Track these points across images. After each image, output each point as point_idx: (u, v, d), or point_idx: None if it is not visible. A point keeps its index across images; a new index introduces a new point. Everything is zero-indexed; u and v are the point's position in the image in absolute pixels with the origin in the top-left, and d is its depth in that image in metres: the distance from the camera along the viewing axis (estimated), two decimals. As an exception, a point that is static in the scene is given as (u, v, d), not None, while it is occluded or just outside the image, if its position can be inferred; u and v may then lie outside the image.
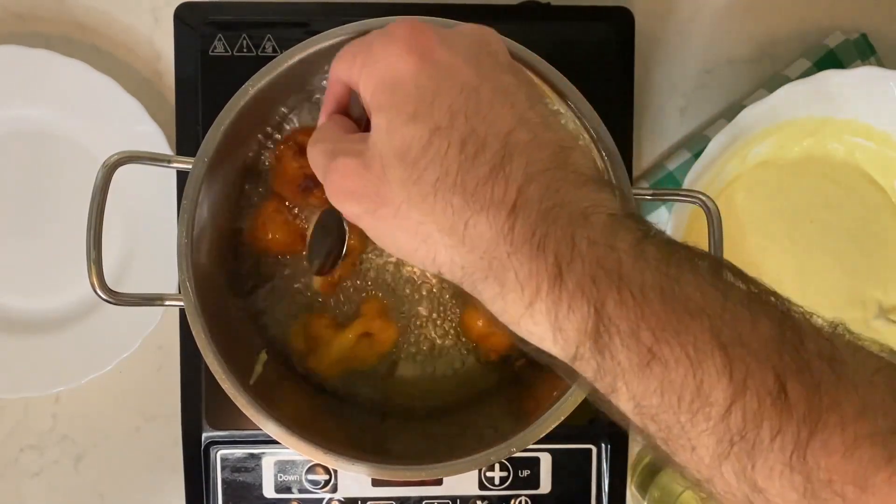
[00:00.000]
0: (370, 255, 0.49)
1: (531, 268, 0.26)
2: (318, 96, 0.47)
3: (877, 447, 0.22)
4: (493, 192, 0.27)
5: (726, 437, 0.23)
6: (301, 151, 0.45)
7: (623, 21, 0.50)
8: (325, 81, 0.46)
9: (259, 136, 0.47)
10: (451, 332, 0.49)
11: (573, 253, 0.25)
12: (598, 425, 0.50)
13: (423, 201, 0.28)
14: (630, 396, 0.25)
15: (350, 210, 0.31)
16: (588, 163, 0.29)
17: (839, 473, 0.22)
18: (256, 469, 0.49)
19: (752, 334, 0.23)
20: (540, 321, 0.26)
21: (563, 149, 0.29)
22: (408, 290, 0.49)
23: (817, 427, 0.22)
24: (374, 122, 0.30)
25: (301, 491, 0.49)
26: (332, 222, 0.41)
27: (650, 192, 0.43)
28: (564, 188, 0.27)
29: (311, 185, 0.45)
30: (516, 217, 0.27)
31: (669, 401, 0.24)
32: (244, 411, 0.40)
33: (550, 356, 0.27)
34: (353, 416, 0.48)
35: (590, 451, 0.50)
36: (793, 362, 0.23)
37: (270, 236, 0.47)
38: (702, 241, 0.43)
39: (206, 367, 0.40)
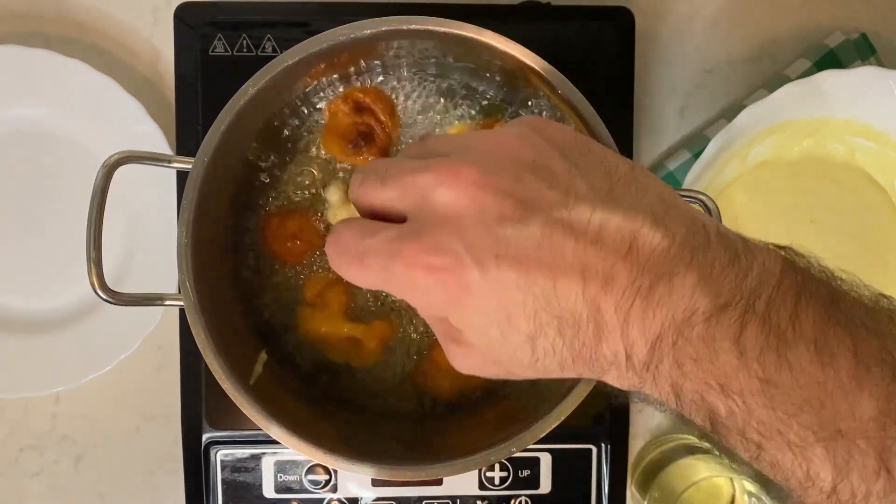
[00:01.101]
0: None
1: (657, 393, 0.29)
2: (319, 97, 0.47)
3: None
4: (606, 355, 0.29)
5: None
6: (357, 108, 0.46)
7: (623, 21, 0.50)
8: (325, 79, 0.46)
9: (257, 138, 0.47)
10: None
11: (684, 377, 0.28)
12: (599, 425, 0.50)
13: (555, 374, 0.30)
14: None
15: (488, 376, 0.33)
16: (655, 237, 0.28)
17: None
18: (256, 469, 0.49)
19: (852, 418, 0.26)
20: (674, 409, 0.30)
21: (628, 250, 0.27)
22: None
23: None
24: (467, 338, 0.30)
25: (301, 491, 0.49)
26: None
27: (650, 192, 0.43)
28: (657, 305, 0.27)
29: (363, 143, 0.46)
30: (633, 363, 0.28)
31: (782, 479, 0.28)
32: (244, 411, 0.40)
33: None
34: (353, 416, 0.48)
35: (590, 451, 0.50)
36: (894, 440, 0.25)
37: (277, 249, 0.47)
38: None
39: (206, 367, 0.40)
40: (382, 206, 0.31)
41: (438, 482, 0.49)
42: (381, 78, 0.47)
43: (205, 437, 0.49)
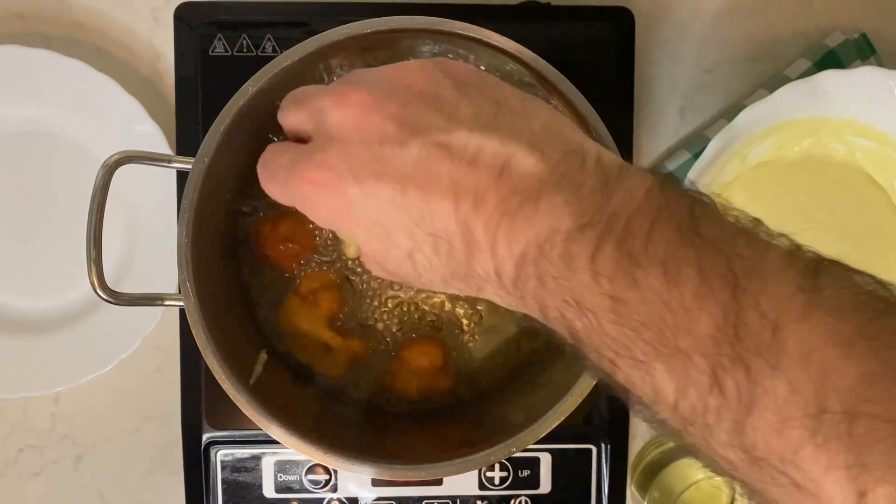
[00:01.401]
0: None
1: (528, 311, 0.31)
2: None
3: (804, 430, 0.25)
4: (478, 272, 0.30)
5: (681, 422, 0.28)
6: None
7: (623, 21, 0.50)
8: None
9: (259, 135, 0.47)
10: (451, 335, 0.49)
11: (546, 293, 0.29)
12: (598, 425, 0.50)
13: (443, 288, 0.32)
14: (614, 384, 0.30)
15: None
16: (528, 161, 0.29)
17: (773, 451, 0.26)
18: (256, 469, 0.49)
19: (690, 336, 0.26)
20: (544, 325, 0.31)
21: (501, 171, 0.29)
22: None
23: (752, 412, 0.26)
24: (361, 247, 0.33)
25: (301, 491, 0.49)
26: None
27: (650, 192, 0.43)
28: (522, 225, 0.28)
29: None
30: (503, 280, 0.30)
31: (637, 399, 0.29)
32: (244, 411, 0.40)
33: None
34: (353, 415, 0.48)
35: (590, 451, 0.50)
36: (727, 357, 0.26)
37: (270, 254, 0.47)
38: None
39: (206, 367, 0.40)
40: (296, 128, 0.33)
41: (438, 482, 0.49)
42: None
43: (205, 436, 0.49)
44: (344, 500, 0.49)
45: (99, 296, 0.39)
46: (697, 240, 0.28)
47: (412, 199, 0.29)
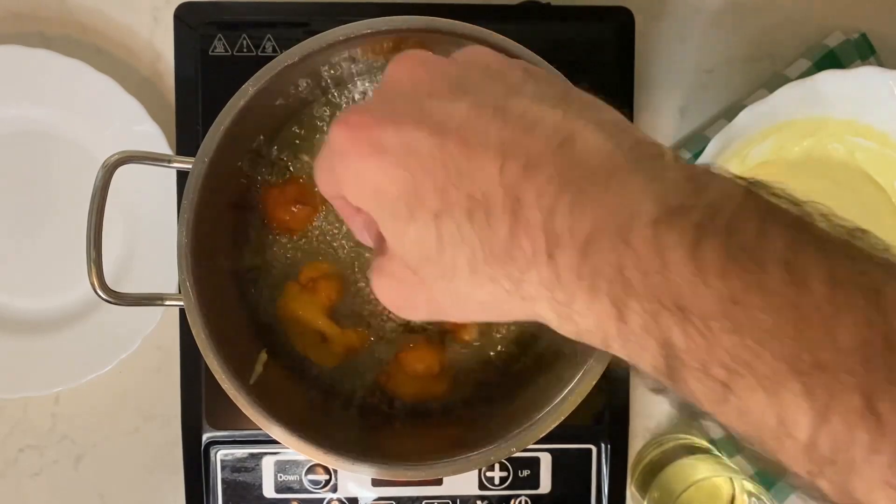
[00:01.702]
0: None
1: (592, 318, 0.25)
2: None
3: None
4: (523, 250, 0.25)
5: (816, 461, 0.22)
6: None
7: (623, 21, 0.50)
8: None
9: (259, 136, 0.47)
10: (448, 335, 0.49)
11: (627, 292, 0.23)
12: (598, 425, 0.50)
13: (468, 282, 0.27)
14: (717, 421, 0.24)
15: (418, 318, 0.31)
16: (597, 138, 0.25)
17: None
18: (256, 469, 0.49)
19: (833, 349, 0.21)
20: (619, 353, 0.25)
21: (562, 142, 0.25)
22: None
23: None
24: (381, 230, 0.28)
25: (301, 491, 0.49)
26: None
27: (650, 192, 0.43)
28: (589, 201, 0.24)
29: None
30: (558, 266, 0.24)
31: (753, 431, 0.23)
32: (244, 411, 0.40)
33: None
34: (354, 416, 0.48)
35: (590, 451, 0.50)
36: (881, 375, 0.21)
37: (281, 216, 0.47)
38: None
39: (206, 367, 0.40)
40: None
41: (438, 482, 0.49)
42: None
43: (205, 436, 0.49)
44: (344, 500, 0.49)
45: (99, 296, 0.39)
46: (816, 240, 0.23)
47: (451, 152, 0.25)
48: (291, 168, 0.48)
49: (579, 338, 0.26)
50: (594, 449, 0.50)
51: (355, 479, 0.49)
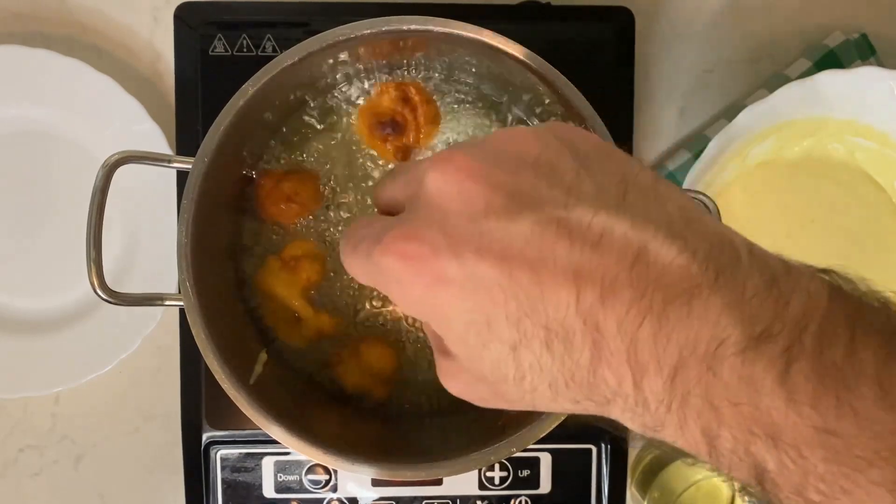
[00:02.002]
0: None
1: (682, 442, 0.25)
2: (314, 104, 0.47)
3: None
4: (608, 382, 0.24)
5: None
6: (403, 99, 0.47)
7: (623, 21, 0.50)
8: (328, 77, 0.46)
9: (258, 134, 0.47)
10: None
11: (718, 422, 0.23)
12: (598, 425, 0.50)
13: (549, 402, 0.26)
14: None
15: (484, 405, 0.29)
16: (670, 250, 0.24)
17: None
18: (256, 469, 0.49)
19: None
20: (712, 465, 0.25)
21: (635, 259, 0.24)
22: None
23: None
24: (447, 345, 0.27)
25: (301, 491, 0.49)
26: None
27: (650, 192, 0.43)
28: (672, 327, 0.23)
29: (391, 131, 0.47)
30: (645, 395, 0.24)
31: None
32: (244, 411, 0.40)
33: None
34: (353, 415, 0.48)
35: (590, 451, 0.50)
36: None
37: (270, 208, 0.47)
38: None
39: (206, 367, 0.40)
40: (389, 201, 0.29)
41: (438, 482, 0.49)
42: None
43: (205, 436, 0.49)
44: (344, 500, 0.49)
45: (99, 296, 0.39)
46: None
47: (521, 282, 0.24)
48: (285, 163, 0.48)
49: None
50: (594, 449, 0.50)
51: (355, 479, 0.49)
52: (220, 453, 0.49)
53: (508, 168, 0.26)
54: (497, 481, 0.49)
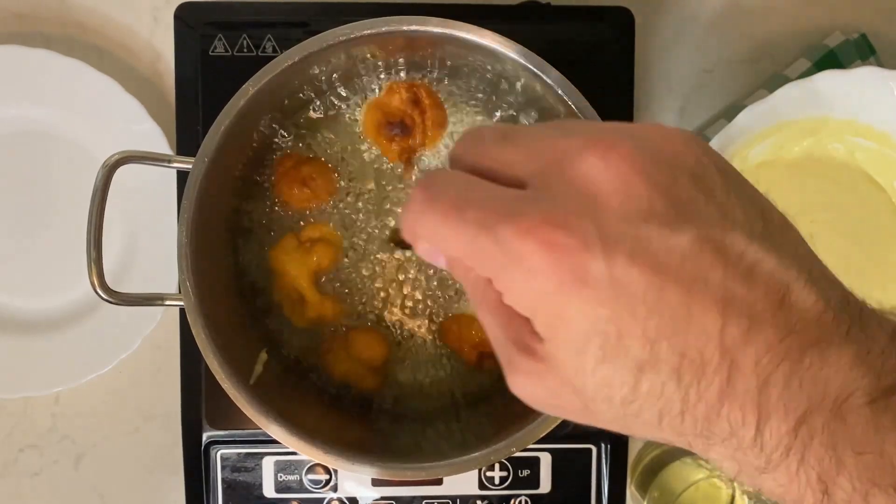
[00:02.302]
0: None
1: (788, 486, 0.24)
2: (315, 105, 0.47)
3: None
4: (730, 420, 0.23)
5: None
6: (414, 100, 0.47)
7: (623, 21, 0.50)
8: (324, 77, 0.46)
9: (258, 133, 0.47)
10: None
11: (839, 470, 0.23)
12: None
13: (645, 430, 0.25)
14: None
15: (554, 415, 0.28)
16: (810, 296, 0.23)
17: None
18: (256, 469, 0.49)
19: None
20: None
21: (781, 298, 0.23)
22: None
23: None
24: (550, 350, 0.24)
25: (301, 491, 0.49)
26: None
27: (650, 192, 0.43)
28: (805, 373, 0.23)
29: (398, 132, 0.47)
30: (764, 437, 0.23)
31: None
32: (244, 411, 0.40)
33: None
34: (353, 415, 0.48)
35: (590, 451, 0.50)
36: None
37: (285, 189, 0.47)
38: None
39: (206, 367, 0.40)
40: (497, 166, 0.25)
41: (438, 482, 0.49)
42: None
43: (205, 436, 0.49)
44: (344, 500, 0.49)
45: (99, 296, 0.39)
46: None
47: (670, 301, 0.22)
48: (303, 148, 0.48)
49: (750, 485, 0.25)
50: (594, 449, 0.50)
51: (355, 478, 0.49)
52: (221, 453, 0.49)
53: (667, 171, 0.24)
54: (497, 481, 0.49)
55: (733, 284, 0.22)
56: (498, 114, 0.48)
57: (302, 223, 0.48)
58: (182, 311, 0.43)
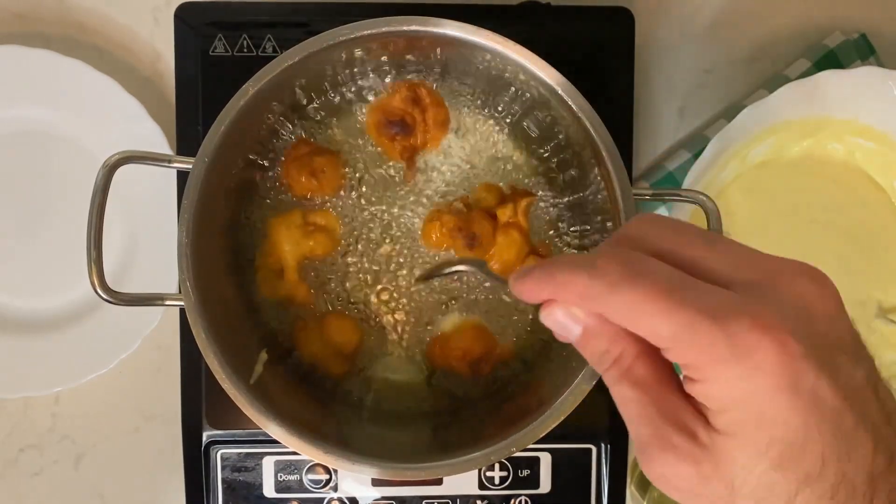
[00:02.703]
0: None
1: None
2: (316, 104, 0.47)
3: None
4: None
5: None
6: (414, 99, 0.47)
7: (623, 21, 0.50)
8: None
9: (258, 134, 0.47)
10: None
11: None
12: (598, 425, 0.50)
13: None
14: None
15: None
16: None
17: None
18: (256, 469, 0.49)
19: None
20: None
21: None
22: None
23: None
24: (721, 442, 0.26)
25: (301, 490, 0.49)
26: None
27: (650, 192, 0.43)
28: None
29: (398, 130, 0.47)
30: None
31: None
32: (244, 411, 0.40)
33: None
34: (353, 415, 0.48)
35: (590, 451, 0.50)
36: None
37: (293, 174, 0.47)
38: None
39: (207, 367, 0.40)
40: (702, 264, 0.27)
41: (438, 482, 0.49)
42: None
43: (205, 436, 0.49)
44: (344, 500, 0.49)
45: (99, 296, 0.39)
46: None
47: (846, 425, 0.25)
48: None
49: None
50: (594, 449, 0.50)
51: (355, 478, 0.49)
52: (221, 453, 0.49)
53: (840, 306, 0.27)
54: (497, 481, 0.49)
55: (880, 422, 0.26)
56: (497, 114, 0.48)
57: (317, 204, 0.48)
58: (182, 311, 0.43)
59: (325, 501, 0.49)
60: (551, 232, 0.49)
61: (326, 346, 0.48)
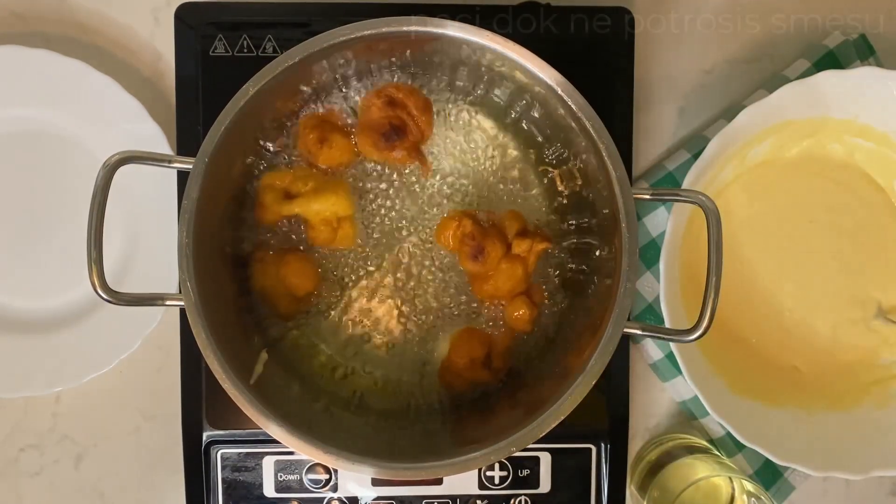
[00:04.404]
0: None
1: None
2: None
3: None
4: None
5: None
6: (390, 103, 0.47)
7: (623, 21, 0.50)
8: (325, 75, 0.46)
9: (259, 134, 0.47)
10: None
11: None
12: (598, 425, 0.50)
13: None
14: None
15: None
16: None
17: None
18: (257, 468, 0.49)
19: None
20: None
21: None
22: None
23: None
24: None
25: (301, 490, 0.49)
26: None
27: (650, 192, 0.43)
28: None
29: (395, 136, 0.47)
30: None
31: None
32: (244, 411, 0.40)
33: None
34: (353, 415, 0.48)
35: (590, 451, 0.50)
36: None
37: (311, 139, 0.47)
38: (701, 242, 0.43)
39: (207, 367, 0.40)
40: None
41: (438, 481, 0.49)
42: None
43: (205, 436, 0.49)
44: (344, 500, 0.49)
45: (99, 296, 0.39)
46: None
47: None
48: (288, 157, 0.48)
49: None
50: (594, 449, 0.50)
51: (355, 478, 0.49)
52: (221, 453, 0.49)
53: None
54: (497, 481, 0.49)
55: None
56: (497, 114, 0.48)
57: (304, 236, 0.48)
58: (182, 311, 0.43)
59: (325, 501, 0.49)
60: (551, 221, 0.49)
61: (279, 284, 0.47)
